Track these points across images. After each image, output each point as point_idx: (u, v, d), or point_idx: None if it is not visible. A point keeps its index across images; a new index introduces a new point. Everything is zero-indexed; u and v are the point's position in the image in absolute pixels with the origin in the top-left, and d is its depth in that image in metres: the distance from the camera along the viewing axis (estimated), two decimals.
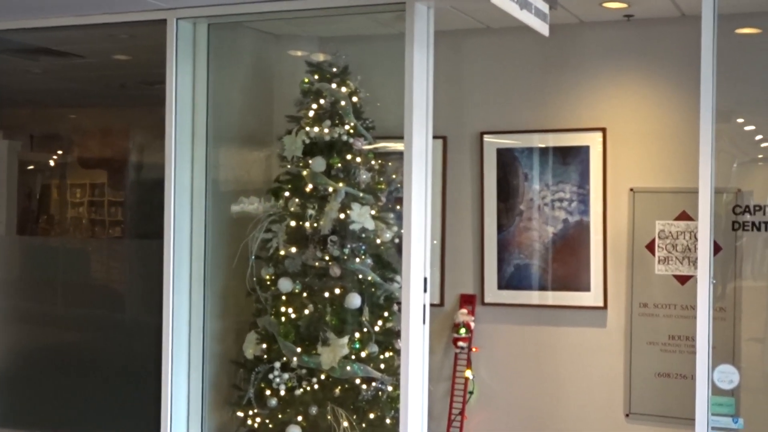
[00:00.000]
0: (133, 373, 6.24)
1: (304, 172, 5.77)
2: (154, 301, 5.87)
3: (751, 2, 5.45)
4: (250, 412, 5.79)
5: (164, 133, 5.82)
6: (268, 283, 5.85)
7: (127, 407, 6.19)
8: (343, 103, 5.79)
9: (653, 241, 6.16)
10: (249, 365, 5.85)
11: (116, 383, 6.31)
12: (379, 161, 5.95)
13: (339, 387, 5.60)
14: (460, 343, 6.46)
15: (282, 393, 5.66)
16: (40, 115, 7.53)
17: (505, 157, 6.56)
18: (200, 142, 5.99)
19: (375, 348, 5.67)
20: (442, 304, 6.66)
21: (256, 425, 5.79)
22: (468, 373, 6.47)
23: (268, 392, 5.70)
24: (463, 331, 6.44)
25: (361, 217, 5.66)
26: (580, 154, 6.35)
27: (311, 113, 5.83)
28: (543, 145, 6.47)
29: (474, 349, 6.51)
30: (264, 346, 5.79)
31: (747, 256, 5.79)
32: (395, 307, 5.75)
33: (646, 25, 6.16)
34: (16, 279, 6.95)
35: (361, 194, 5.74)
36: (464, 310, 6.50)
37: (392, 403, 5.59)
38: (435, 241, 6.50)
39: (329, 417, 5.56)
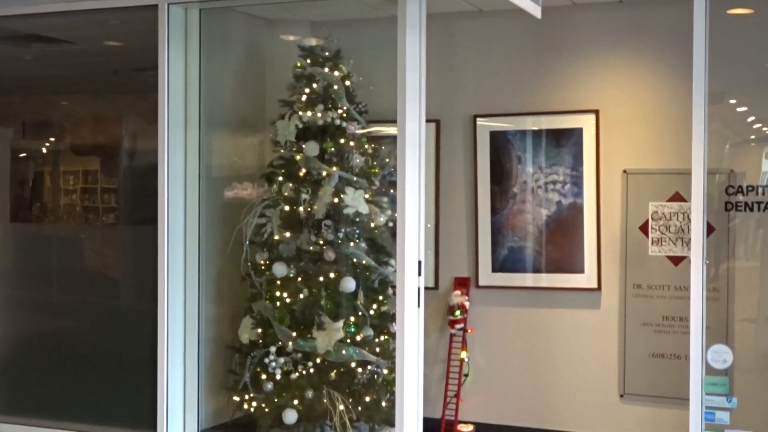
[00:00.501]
0: (129, 359, 6.24)
1: (298, 157, 5.77)
2: (149, 287, 5.87)
3: None
4: (246, 397, 5.80)
5: (157, 120, 5.81)
6: (263, 267, 5.85)
7: (123, 393, 6.20)
8: (335, 87, 5.78)
9: (646, 222, 6.18)
10: (244, 350, 5.86)
11: (112, 369, 6.31)
12: (373, 145, 5.95)
13: (334, 371, 5.61)
14: (457, 325, 6.47)
15: (278, 377, 5.66)
16: (32, 102, 7.50)
17: (498, 140, 6.57)
18: (193, 128, 5.98)
19: (370, 331, 5.68)
20: (436, 287, 6.68)
21: (252, 409, 5.80)
22: (463, 355, 6.48)
23: (263, 377, 5.71)
24: (458, 312, 6.46)
25: (355, 201, 5.66)
26: (573, 136, 6.36)
27: (304, 98, 5.82)
28: (536, 128, 6.48)
29: (469, 330, 6.53)
30: (259, 330, 5.80)
31: (740, 237, 5.81)
32: (390, 291, 5.75)
33: (639, 6, 6.16)
34: (10, 267, 6.93)
35: (355, 178, 5.74)
36: (458, 292, 6.51)
37: (388, 386, 5.61)
38: (429, 225, 6.51)
39: (325, 401, 5.57)
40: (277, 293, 5.74)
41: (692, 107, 4.74)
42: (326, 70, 5.81)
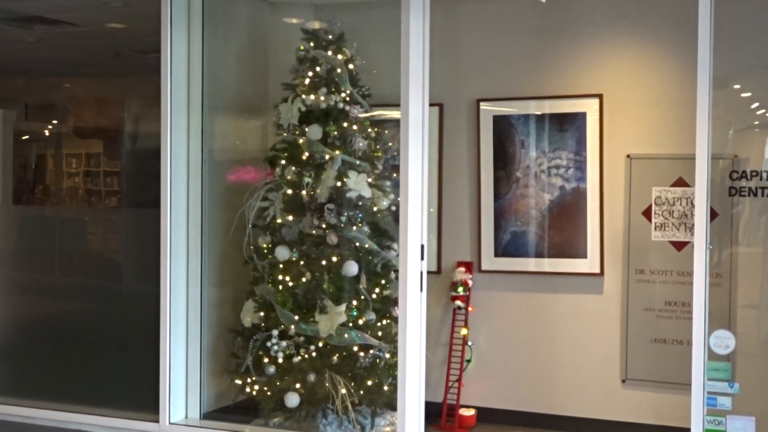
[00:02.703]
0: (131, 342, 6.25)
1: (301, 140, 5.76)
2: (152, 270, 5.88)
3: None
4: (249, 380, 5.81)
5: (160, 102, 5.80)
6: (266, 251, 5.85)
7: (126, 376, 6.21)
8: (339, 70, 5.77)
9: (650, 207, 6.17)
10: (247, 333, 5.87)
11: (114, 352, 6.32)
12: (376, 129, 5.94)
13: (337, 354, 5.62)
14: (459, 302, 6.47)
15: (280, 361, 5.67)
16: (35, 84, 7.50)
17: (502, 125, 6.55)
18: (196, 111, 5.98)
19: (372, 315, 5.68)
20: (439, 271, 6.67)
21: (254, 393, 5.81)
22: (464, 332, 6.48)
23: (266, 360, 5.72)
24: (461, 289, 6.46)
25: (358, 184, 5.65)
26: (577, 120, 6.34)
27: (307, 81, 5.81)
28: (539, 112, 6.46)
29: (470, 309, 6.52)
30: (262, 314, 5.80)
31: (743, 222, 5.80)
32: (392, 275, 5.76)
33: None
34: (12, 249, 6.94)
35: (358, 162, 5.73)
36: (462, 269, 6.51)
37: (390, 369, 5.61)
38: (432, 209, 6.50)
39: (327, 384, 5.58)
40: (280, 277, 5.74)
41: (696, 92, 4.72)
42: (329, 53, 5.79)
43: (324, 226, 5.65)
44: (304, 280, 5.69)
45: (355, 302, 5.63)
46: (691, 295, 4.73)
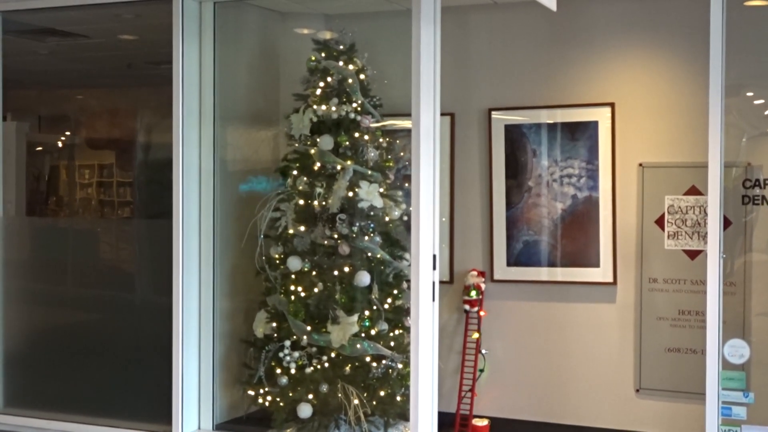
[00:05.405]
0: (144, 352, 6.25)
1: (312, 151, 5.76)
2: (164, 281, 5.88)
3: None
4: (261, 391, 5.81)
5: (172, 113, 5.82)
6: (278, 261, 5.85)
7: (138, 387, 6.21)
8: (350, 80, 5.77)
9: (662, 216, 6.15)
10: (259, 344, 5.87)
11: (127, 363, 6.33)
12: (387, 139, 5.94)
13: (349, 365, 5.61)
14: (472, 307, 6.45)
15: (292, 371, 5.67)
16: (48, 96, 7.53)
17: (513, 134, 6.54)
18: (207, 122, 5.99)
19: (385, 326, 5.67)
20: (451, 281, 6.66)
21: (266, 403, 5.81)
22: (476, 335, 6.46)
23: (278, 371, 5.71)
24: (473, 293, 6.44)
25: (370, 195, 5.65)
26: (589, 129, 6.33)
27: (318, 91, 5.81)
28: (551, 121, 6.45)
29: (483, 313, 6.50)
30: (274, 324, 5.80)
31: (757, 230, 5.77)
32: (404, 285, 5.75)
33: None
34: (26, 260, 6.96)
35: (370, 172, 5.73)
36: (474, 272, 6.49)
37: (402, 380, 5.60)
38: (444, 219, 6.50)
39: (340, 395, 5.57)
40: (292, 287, 5.74)
41: (709, 100, 4.71)
42: (341, 63, 5.80)
43: (336, 236, 5.65)
44: (316, 290, 5.69)
45: (367, 312, 5.62)
46: (705, 303, 4.71)
